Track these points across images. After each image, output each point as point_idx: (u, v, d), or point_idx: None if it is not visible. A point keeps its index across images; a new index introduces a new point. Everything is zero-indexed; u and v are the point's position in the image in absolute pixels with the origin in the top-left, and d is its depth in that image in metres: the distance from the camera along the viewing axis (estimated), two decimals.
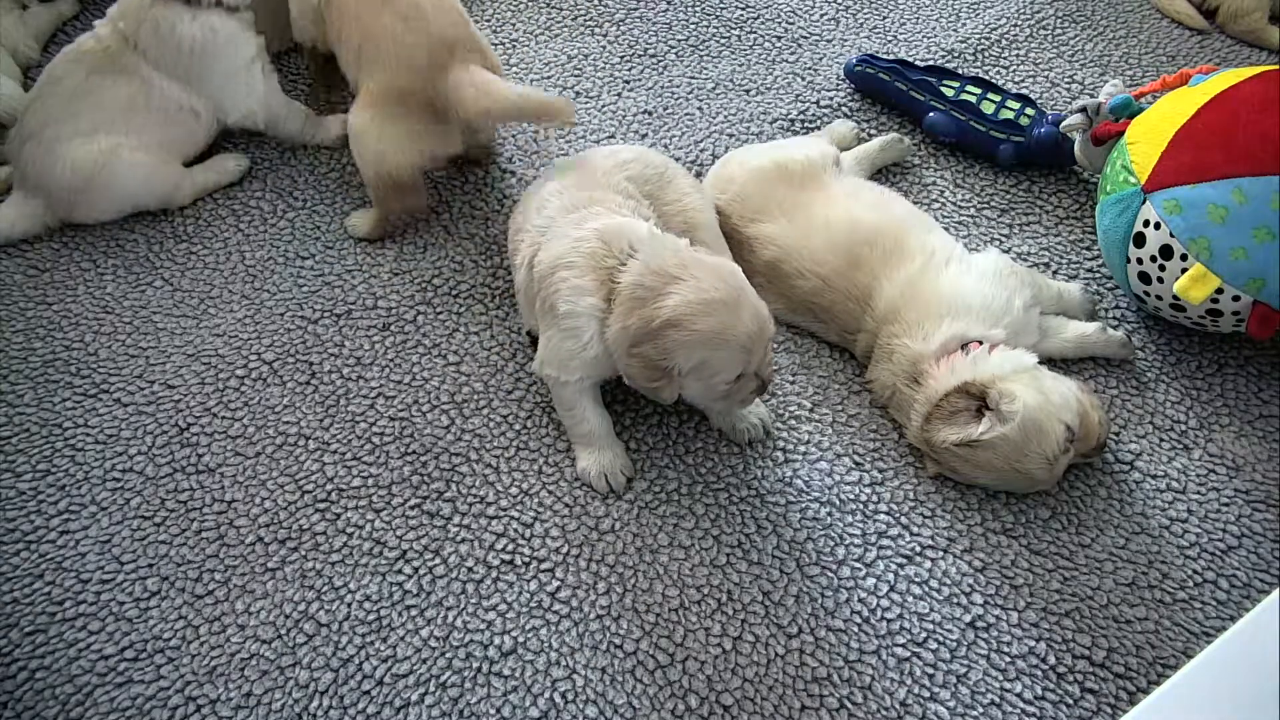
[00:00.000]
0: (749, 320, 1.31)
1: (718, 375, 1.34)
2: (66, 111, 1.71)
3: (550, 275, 1.40)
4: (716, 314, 1.30)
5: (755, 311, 1.33)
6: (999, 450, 1.36)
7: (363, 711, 1.27)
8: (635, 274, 1.33)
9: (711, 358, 1.32)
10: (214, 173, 1.84)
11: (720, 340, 1.30)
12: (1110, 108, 1.66)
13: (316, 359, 1.62)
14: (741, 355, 1.32)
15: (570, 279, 1.37)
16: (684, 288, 1.30)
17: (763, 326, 1.34)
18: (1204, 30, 2.12)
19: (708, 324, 1.29)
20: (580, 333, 1.37)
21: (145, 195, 1.77)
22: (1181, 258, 1.45)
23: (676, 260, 1.33)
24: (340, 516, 1.44)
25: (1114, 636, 1.32)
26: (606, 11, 2.18)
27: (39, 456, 1.51)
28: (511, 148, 1.91)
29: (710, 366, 1.32)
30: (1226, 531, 1.41)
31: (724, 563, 1.39)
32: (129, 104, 1.71)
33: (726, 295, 1.31)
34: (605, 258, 1.36)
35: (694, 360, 1.31)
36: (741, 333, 1.31)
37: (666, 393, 1.36)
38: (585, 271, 1.36)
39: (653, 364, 1.32)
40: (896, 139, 1.84)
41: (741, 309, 1.31)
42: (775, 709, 1.27)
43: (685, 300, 1.30)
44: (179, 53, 1.71)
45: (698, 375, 1.34)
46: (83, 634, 1.34)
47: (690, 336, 1.29)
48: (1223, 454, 1.49)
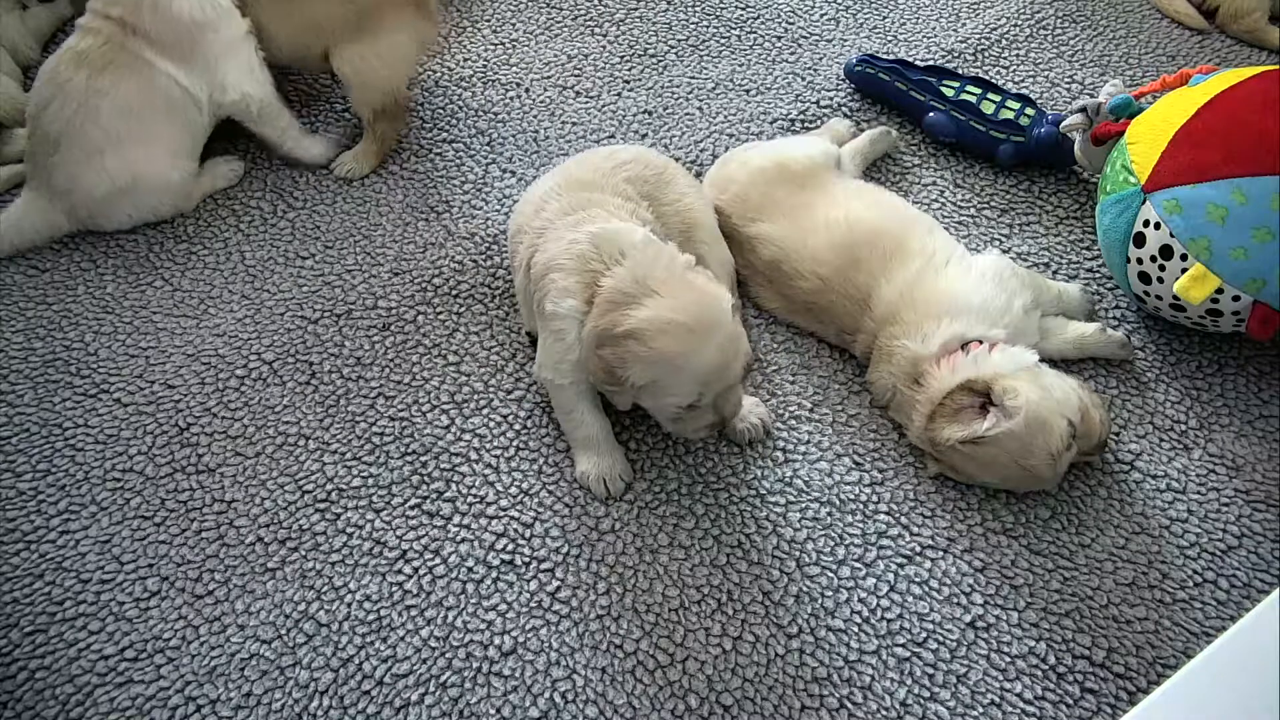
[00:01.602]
0: (713, 353, 1.29)
1: (668, 398, 1.33)
2: (87, 119, 1.68)
3: (542, 277, 1.40)
4: (679, 337, 1.28)
5: (725, 346, 1.30)
6: (1004, 446, 1.36)
7: (363, 711, 1.27)
8: (617, 279, 1.32)
9: (664, 379, 1.31)
10: (210, 177, 1.84)
11: (675, 364, 1.29)
12: (1110, 108, 1.66)
13: (316, 359, 1.62)
14: (694, 385, 1.31)
15: (558, 281, 1.37)
16: (657, 303, 1.29)
17: (728, 363, 1.31)
18: (1204, 30, 2.12)
19: (666, 344, 1.28)
20: (565, 334, 1.38)
21: (167, 205, 1.78)
22: (1181, 258, 1.45)
23: (664, 274, 1.32)
24: (340, 516, 1.44)
25: (1114, 636, 1.32)
26: (606, 11, 2.18)
27: (39, 456, 1.51)
28: (512, 148, 1.91)
29: (661, 387, 1.32)
30: (1226, 531, 1.41)
31: (724, 563, 1.39)
32: (142, 99, 1.70)
33: (696, 321, 1.29)
34: (593, 261, 1.35)
35: (647, 377, 1.30)
36: (700, 363, 1.29)
37: (619, 400, 1.36)
38: (571, 274, 1.36)
39: (609, 369, 1.31)
40: (884, 131, 1.85)
41: (709, 339, 1.29)
42: (775, 709, 1.27)
43: (653, 316, 1.29)
44: (179, 28, 1.69)
45: (650, 392, 1.33)
46: (83, 634, 1.34)
47: (647, 353, 1.29)
48: (1223, 454, 1.49)
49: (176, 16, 1.69)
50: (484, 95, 2.01)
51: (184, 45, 1.71)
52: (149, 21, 1.68)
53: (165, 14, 1.68)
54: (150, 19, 1.68)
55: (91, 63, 1.68)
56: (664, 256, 1.35)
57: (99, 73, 1.68)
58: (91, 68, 1.68)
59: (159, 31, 1.69)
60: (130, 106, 1.69)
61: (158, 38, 1.69)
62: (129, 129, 1.70)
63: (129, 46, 1.68)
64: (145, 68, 1.69)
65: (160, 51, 1.69)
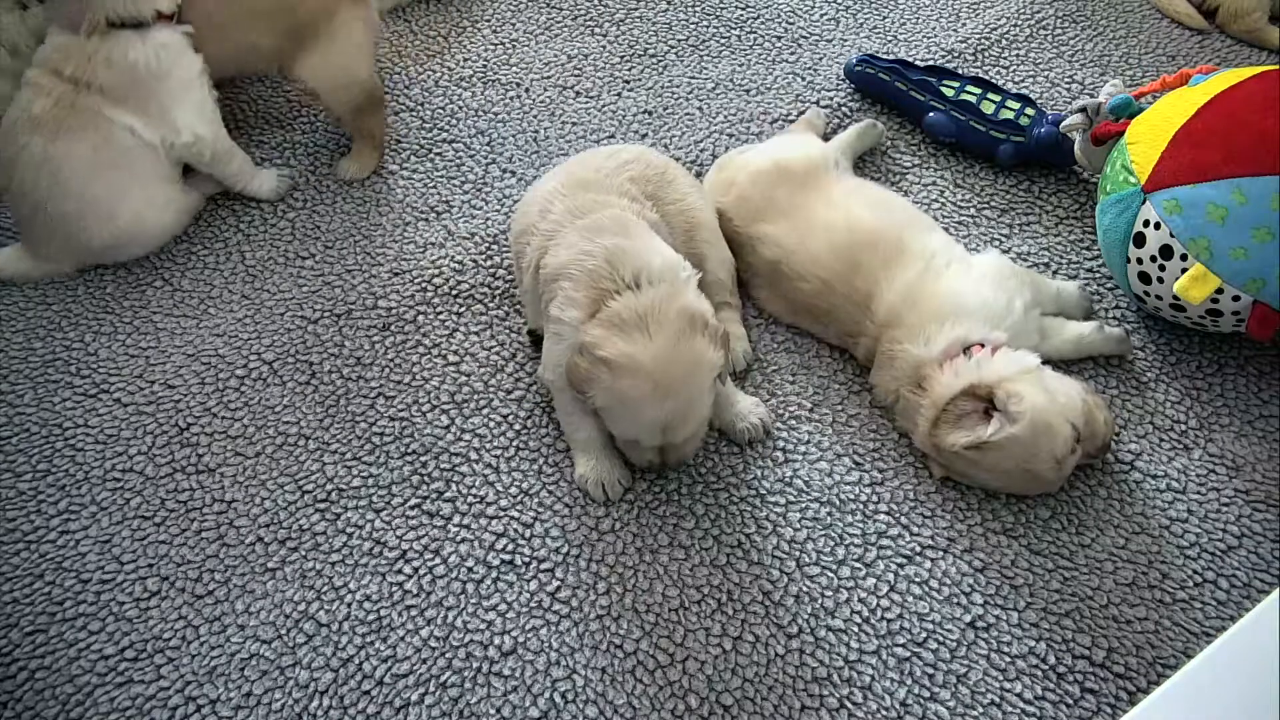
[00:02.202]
0: (662, 413, 1.32)
1: (616, 427, 1.38)
2: (55, 188, 1.65)
3: (553, 282, 1.40)
4: (640, 386, 1.30)
5: (679, 411, 1.33)
6: (1008, 451, 1.36)
7: (363, 711, 1.27)
8: (623, 305, 1.34)
9: (615, 412, 1.35)
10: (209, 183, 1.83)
11: (627, 407, 1.33)
12: (1110, 108, 1.66)
13: (316, 359, 1.62)
14: (635, 429, 1.36)
15: (567, 290, 1.38)
16: (641, 345, 1.30)
17: (676, 427, 1.34)
18: (1204, 30, 2.12)
19: (627, 387, 1.31)
20: (563, 340, 1.38)
21: (172, 232, 1.77)
22: (1181, 258, 1.45)
23: (666, 320, 1.32)
24: (340, 516, 1.44)
25: (1114, 636, 1.32)
26: (606, 11, 2.18)
27: (39, 456, 1.51)
28: (512, 148, 1.91)
29: (612, 417, 1.36)
30: (1226, 531, 1.41)
31: (724, 563, 1.39)
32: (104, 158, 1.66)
33: (662, 379, 1.30)
34: (605, 280, 1.35)
35: (602, 402, 1.34)
36: (648, 417, 1.33)
37: (586, 402, 1.38)
38: (580, 286, 1.37)
39: (579, 379, 1.34)
40: (870, 124, 1.85)
41: (665, 400, 1.31)
42: (775, 709, 1.27)
43: (630, 355, 1.30)
44: (135, 80, 1.65)
45: (607, 419, 1.38)
46: (83, 634, 1.34)
47: (610, 385, 1.31)
48: (1223, 454, 1.49)
49: (131, 65, 1.64)
50: (484, 95, 2.01)
51: (140, 94, 1.66)
52: (103, 75, 1.63)
53: (123, 68, 1.64)
54: (105, 72, 1.63)
55: (45, 127, 1.63)
56: (678, 300, 1.34)
57: (54, 139, 1.63)
58: (46, 133, 1.63)
59: (114, 84, 1.64)
60: (94, 167, 1.65)
61: (112, 90, 1.64)
62: (102, 190, 1.66)
63: (82, 104, 1.63)
64: (103, 124, 1.65)
65: (116, 104, 1.65)
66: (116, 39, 1.64)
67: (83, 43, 1.63)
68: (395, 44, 2.11)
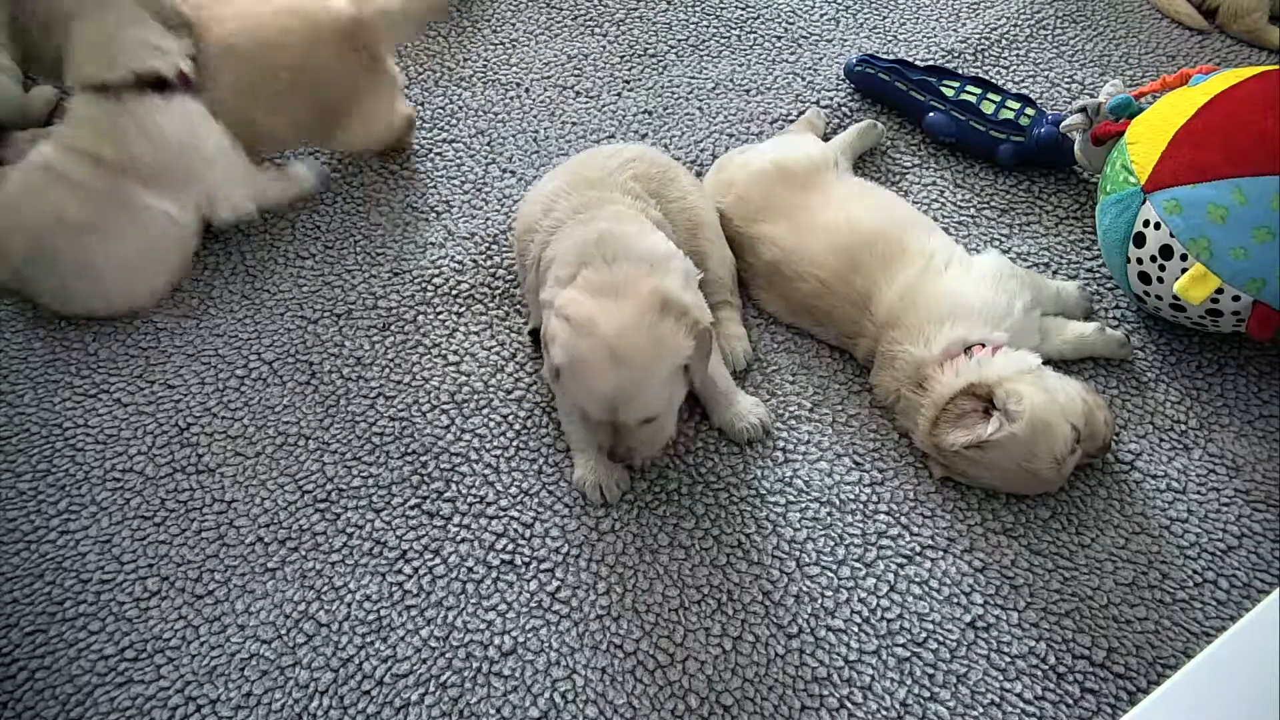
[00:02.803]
0: (607, 384, 1.28)
1: (567, 390, 1.36)
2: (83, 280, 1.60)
3: (547, 271, 1.40)
4: (595, 350, 1.28)
5: (624, 389, 1.28)
6: (1008, 451, 1.36)
7: (363, 711, 1.27)
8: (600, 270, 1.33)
9: (567, 374, 1.32)
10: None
11: (575, 370, 1.31)
12: (1110, 108, 1.66)
13: (316, 359, 1.62)
14: (585, 400, 1.33)
15: (555, 270, 1.38)
16: (608, 308, 1.29)
17: (618, 405, 1.29)
18: (1204, 30, 2.12)
19: (579, 346, 1.29)
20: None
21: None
22: (1181, 258, 1.45)
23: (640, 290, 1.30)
24: (340, 516, 1.44)
25: (1114, 636, 1.32)
26: (606, 11, 2.18)
27: (39, 456, 1.51)
28: (512, 148, 1.91)
29: (566, 381, 1.33)
30: (1226, 531, 1.41)
31: (724, 563, 1.39)
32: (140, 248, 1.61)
33: (620, 348, 1.27)
34: (589, 255, 1.36)
35: (558, 361, 1.31)
36: (593, 383, 1.29)
37: (549, 369, 1.35)
38: (568, 264, 1.37)
39: (546, 334, 1.33)
40: (870, 124, 1.85)
41: (614, 371, 1.27)
42: (775, 709, 1.27)
43: (588, 315, 1.29)
44: (171, 155, 1.59)
45: (563, 381, 1.34)
46: (83, 634, 1.34)
47: (567, 341, 1.30)
48: (1223, 454, 1.49)
49: (165, 137, 1.57)
50: (484, 95, 2.01)
51: (177, 171, 1.60)
52: (131, 149, 1.56)
53: (155, 137, 1.56)
54: (130, 146, 1.56)
55: (84, 230, 1.57)
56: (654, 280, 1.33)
57: (94, 241, 1.57)
58: (86, 235, 1.57)
59: (151, 161, 1.57)
60: (132, 263, 1.62)
61: (150, 171, 1.58)
62: (135, 277, 1.63)
63: (122, 197, 1.57)
64: (142, 215, 1.59)
65: (154, 187, 1.59)
66: (140, 104, 1.56)
67: (113, 111, 1.55)
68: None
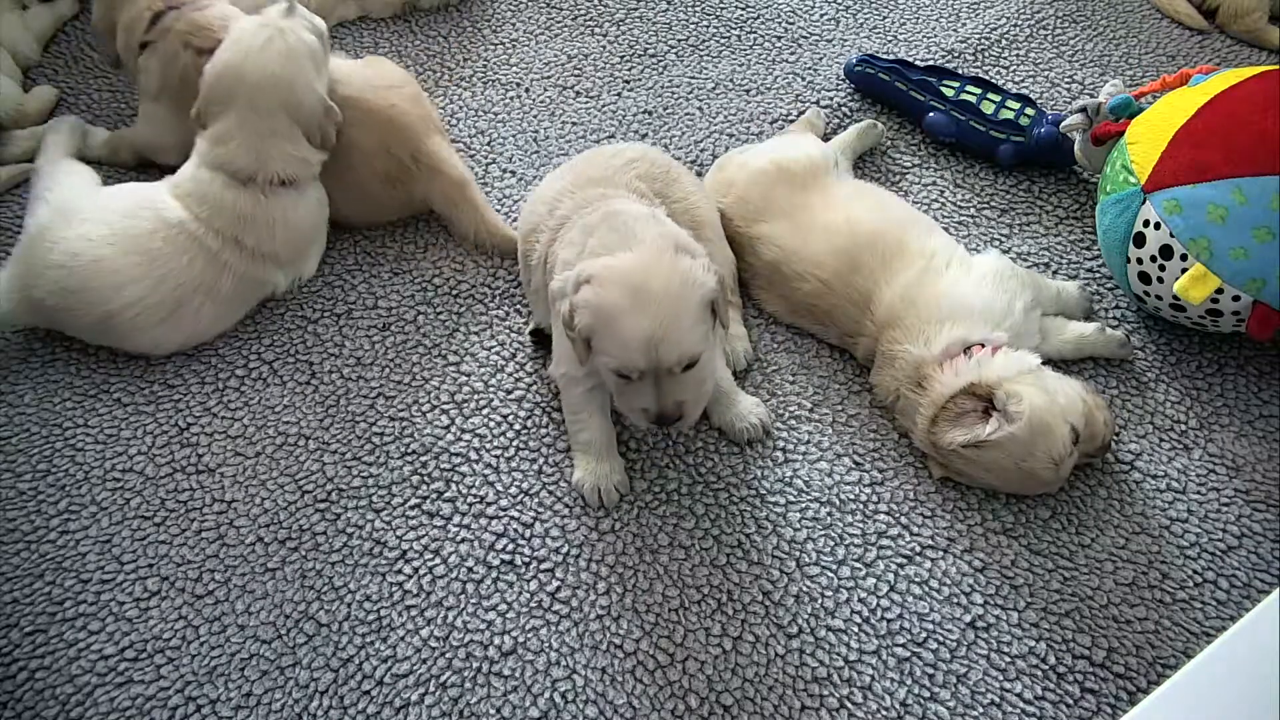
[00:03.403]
0: (644, 322, 1.25)
1: (603, 356, 1.30)
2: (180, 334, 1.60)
3: (555, 262, 1.40)
4: (618, 293, 1.25)
5: (663, 323, 1.24)
6: (1006, 451, 1.36)
7: (363, 711, 1.27)
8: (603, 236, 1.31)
9: (600, 331, 1.27)
10: None
11: (609, 319, 1.26)
12: (1110, 108, 1.66)
13: (316, 359, 1.62)
14: (622, 349, 1.27)
15: (559, 254, 1.38)
16: (623, 257, 1.28)
17: (658, 341, 1.25)
18: (1204, 30, 2.12)
19: (605, 295, 1.26)
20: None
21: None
22: (1181, 258, 1.45)
23: (648, 238, 1.30)
24: (340, 516, 1.44)
25: (1114, 636, 1.32)
26: (606, 11, 2.18)
27: (39, 456, 1.51)
28: (512, 148, 1.91)
29: (599, 340, 1.28)
30: (1226, 531, 1.41)
31: (724, 563, 1.39)
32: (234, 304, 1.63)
33: (645, 286, 1.25)
34: (598, 228, 1.35)
35: (587, 324, 1.28)
36: (625, 328, 1.25)
37: (576, 351, 1.32)
38: (572, 246, 1.36)
39: (568, 312, 1.30)
40: (870, 124, 1.85)
41: (648, 308, 1.25)
42: (775, 709, 1.27)
43: (612, 265, 1.28)
44: (299, 239, 1.64)
45: (595, 347, 1.30)
46: (83, 634, 1.34)
47: (593, 297, 1.27)
48: (1223, 454, 1.49)
49: (298, 227, 1.64)
50: (484, 95, 2.01)
51: (298, 249, 1.66)
52: (280, 240, 1.61)
53: (294, 231, 1.63)
54: (281, 237, 1.61)
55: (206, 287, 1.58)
56: (661, 227, 1.33)
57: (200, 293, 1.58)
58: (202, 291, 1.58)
59: (282, 247, 1.62)
60: (220, 316, 1.63)
61: (280, 255, 1.63)
62: (212, 327, 1.63)
63: (252, 272, 1.61)
64: (259, 285, 1.64)
65: (278, 265, 1.63)
66: (282, 201, 1.60)
67: (257, 204, 1.58)
68: (395, 44, 2.11)
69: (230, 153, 1.58)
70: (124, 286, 1.53)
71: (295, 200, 1.62)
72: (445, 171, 1.74)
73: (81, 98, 2.00)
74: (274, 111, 1.58)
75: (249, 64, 1.58)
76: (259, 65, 1.58)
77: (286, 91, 1.58)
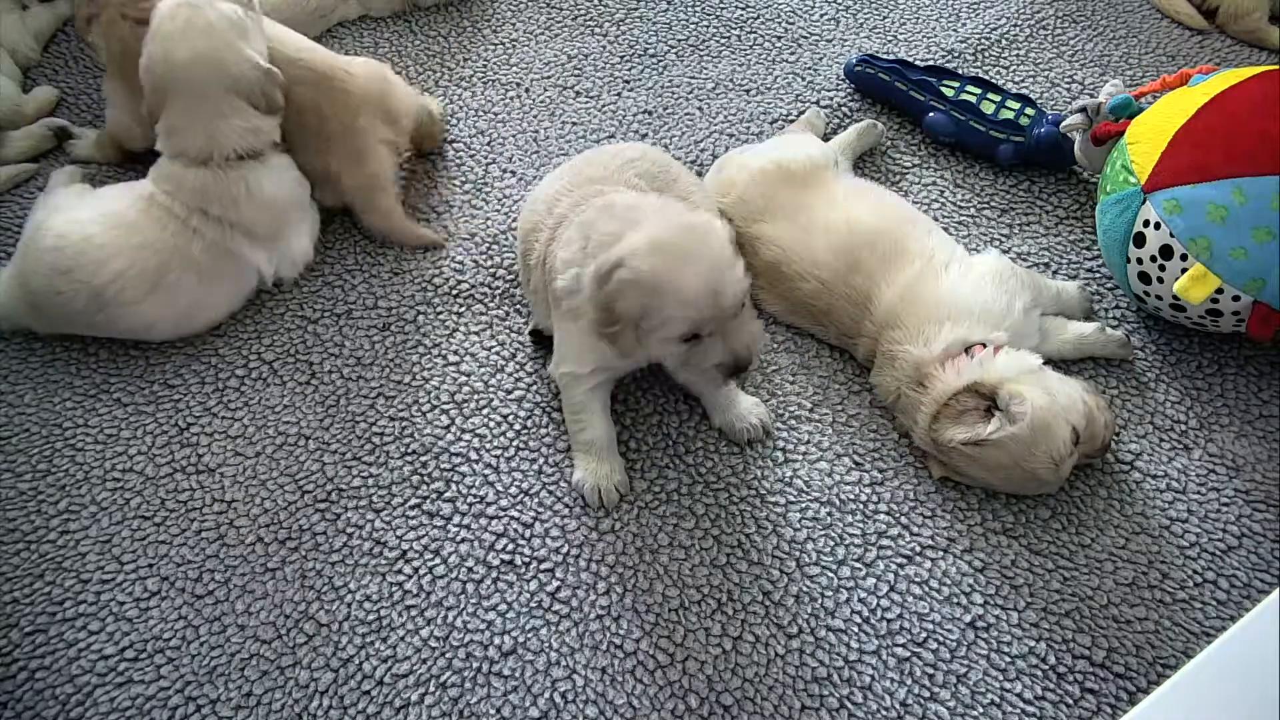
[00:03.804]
0: (695, 276, 1.24)
1: (663, 329, 1.28)
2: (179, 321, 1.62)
3: (554, 261, 1.40)
4: (661, 259, 1.24)
5: (711, 271, 1.25)
6: (1007, 450, 1.36)
7: (363, 711, 1.27)
8: (604, 224, 1.31)
9: (652, 305, 1.26)
10: None
11: (659, 287, 1.24)
12: (1110, 108, 1.66)
13: (316, 359, 1.62)
14: (684, 311, 1.25)
15: (560, 254, 1.37)
16: (641, 229, 1.28)
17: (715, 288, 1.25)
18: (1204, 30, 2.12)
19: (649, 265, 1.24)
20: (579, 310, 1.35)
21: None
22: (1181, 258, 1.45)
23: (651, 209, 1.31)
24: (340, 516, 1.44)
25: (1114, 636, 1.32)
26: (606, 11, 2.18)
27: (39, 456, 1.51)
28: (512, 148, 1.91)
29: (653, 314, 1.27)
30: (1226, 531, 1.41)
31: (724, 563, 1.39)
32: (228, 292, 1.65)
33: (678, 243, 1.25)
34: (596, 220, 1.35)
35: (636, 304, 1.26)
36: (684, 285, 1.24)
37: (623, 343, 1.30)
38: (574, 243, 1.36)
39: (604, 306, 1.28)
40: (870, 124, 1.85)
41: (690, 261, 1.24)
42: (775, 709, 1.27)
43: (637, 240, 1.26)
44: (274, 213, 1.64)
45: (648, 325, 1.28)
46: (83, 634, 1.34)
47: (632, 276, 1.25)
48: (1223, 454, 1.49)
49: (269, 201, 1.63)
50: (484, 95, 2.01)
51: (274, 226, 1.65)
52: (246, 211, 1.61)
53: (259, 198, 1.61)
54: (247, 208, 1.61)
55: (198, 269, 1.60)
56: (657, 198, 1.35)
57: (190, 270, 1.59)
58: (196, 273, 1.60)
59: (255, 220, 1.62)
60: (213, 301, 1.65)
61: (253, 228, 1.62)
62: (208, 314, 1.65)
63: (224, 242, 1.61)
64: (245, 270, 1.65)
65: (255, 243, 1.64)
66: (244, 173, 1.60)
67: (220, 179, 1.59)
68: (395, 44, 2.11)
69: (184, 141, 1.59)
70: (108, 260, 1.55)
71: (258, 171, 1.62)
72: (362, 164, 1.72)
73: (81, 98, 2.00)
74: (211, 90, 1.57)
75: (173, 50, 1.56)
76: (184, 49, 1.56)
77: (217, 67, 1.57)
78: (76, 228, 1.57)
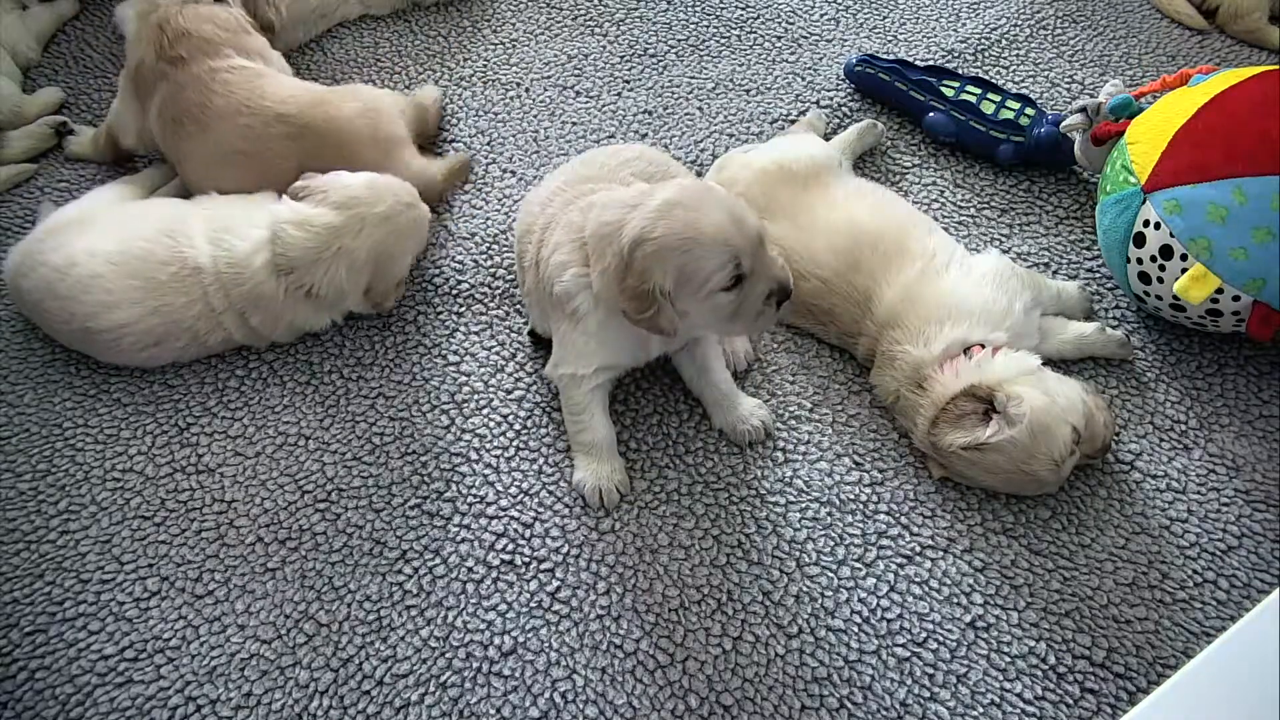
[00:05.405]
0: (717, 214, 1.26)
1: (707, 283, 1.27)
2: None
3: (546, 265, 1.40)
4: (676, 215, 1.25)
5: (727, 208, 1.27)
6: (1006, 453, 1.36)
7: (363, 711, 1.27)
8: (596, 223, 1.31)
9: (687, 262, 1.25)
10: None
11: (686, 240, 1.25)
12: (1110, 108, 1.66)
13: (316, 359, 1.62)
14: (720, 250, 1.25)
15: (557, 257, 1.37)
16: (641, 207, 1.28)
17: (740, 222, 1.27)
18: (1204, 30, 2.12)
19: (668, 226, 1.25)
20: (579, 312, 1.36)
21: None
22: (1181, 258, 1.45)
23: (637, 191, 1.32)
24: (340, 516, 1.44)
25: (1114, 636, 1.32)
26: (606, 11, 2.18)
27: (39, 456, 1.51)
28: (512, 148, 1.91)
29: (692, 274, 1.26)
30: (1226, 531, 1.41)
31: (724, 563, 1.39)
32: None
33: (685, 198, 1.28)
34: (582, 228, 1.35)
35: (671, 271, 1.25)
36: (710, 225, 1.25)
37: (664, 322, 1.29)
38: (564, 246, 1.36)
39: (637, 292, 1.27)
40: (870, 124, 1.85)
41: (705, 207, 1.26)
42: (775, 709, 1.27)
43: (642, 216, 1.27)
44: (289, 333, 1.62)
45: (689, 291, 1.27)
46: (83, 634, 1.34)
47: (656, 247, 1.25)
48: (1223, 454, 1.49)
49: (297, 331, 1.61)
50: (484, 95, 2.01)
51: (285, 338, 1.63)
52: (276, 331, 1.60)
53: (291, 331, 1.61)
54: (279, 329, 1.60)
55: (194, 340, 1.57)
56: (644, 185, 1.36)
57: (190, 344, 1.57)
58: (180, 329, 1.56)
59: (275, 335, 1.61)
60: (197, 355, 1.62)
61: (267, 337, 1.61)
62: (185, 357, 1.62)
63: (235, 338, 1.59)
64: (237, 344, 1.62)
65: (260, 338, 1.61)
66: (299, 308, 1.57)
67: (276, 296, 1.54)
68: (395, 44, 2.11)
69: (298, 242, 1.51)
70: (116, 308, 1.51)
71: (308, 314, 1.58)
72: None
73: (81, 98, 2.00)
74: (363, 260, 1.55)
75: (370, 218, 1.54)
76: (375, 227, 1.54)
77: (386, 259, 1.57)
78: (88, 261, 1.51)
